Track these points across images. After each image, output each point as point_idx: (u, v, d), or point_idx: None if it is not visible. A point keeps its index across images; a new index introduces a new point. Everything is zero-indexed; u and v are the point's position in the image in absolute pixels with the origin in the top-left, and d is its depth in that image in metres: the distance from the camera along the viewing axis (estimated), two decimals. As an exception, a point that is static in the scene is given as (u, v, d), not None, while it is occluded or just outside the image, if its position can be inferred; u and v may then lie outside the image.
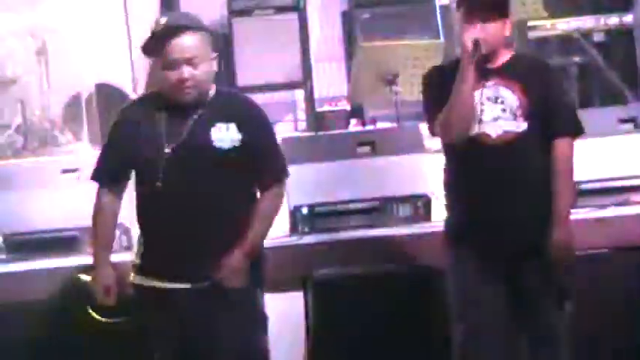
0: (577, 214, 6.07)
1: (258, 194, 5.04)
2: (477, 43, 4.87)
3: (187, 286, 4.91)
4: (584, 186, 6.39)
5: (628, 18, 8.53)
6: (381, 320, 6.30)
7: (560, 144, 5.08)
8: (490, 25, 5.04)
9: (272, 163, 5.07)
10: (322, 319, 6.37)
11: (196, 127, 4.90)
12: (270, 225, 5.02)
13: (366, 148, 6.85)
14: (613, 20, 8.55)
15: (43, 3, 9.18)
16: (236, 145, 4.85)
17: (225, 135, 4.94)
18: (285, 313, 5.96)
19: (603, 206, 6.57)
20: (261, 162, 5.01)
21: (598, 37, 8.55)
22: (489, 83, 5.04)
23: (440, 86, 5.09)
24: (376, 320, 6.30)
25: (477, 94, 5.00)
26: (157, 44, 4.83)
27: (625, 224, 6.46)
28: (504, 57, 5.14)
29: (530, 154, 5.10)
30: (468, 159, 5.10)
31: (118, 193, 4.92)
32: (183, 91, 4.84)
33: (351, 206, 6.74)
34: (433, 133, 5.19)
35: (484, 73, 5.02)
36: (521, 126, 5.01)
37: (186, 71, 4.79)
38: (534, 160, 5.12)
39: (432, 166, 6.43)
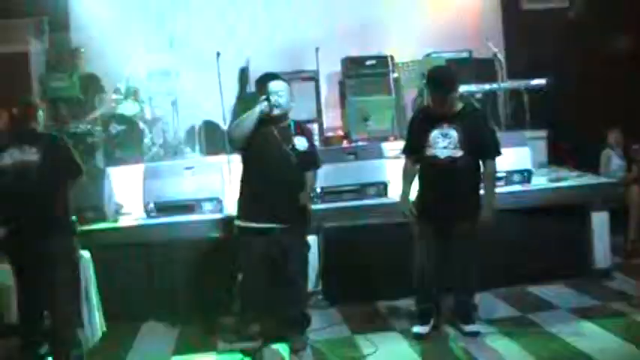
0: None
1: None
2: None
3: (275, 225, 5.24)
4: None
5: (494, 85, 8.54)
6: (360, 252, 6.47)
7: (489, 163, 5.35)
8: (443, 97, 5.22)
9: (315, 159, 5.50)
10: (327, 252, 6.47)
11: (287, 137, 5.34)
12: (311, 190, 5.62)
13: (352, 156, 6.87)
14: (486, 86, 8.56)
15: (174, 75, 9.18)
16: (304, 149, 5.34)
17: (302, 143, 5.37)
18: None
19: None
20: (312, 158, 5.45)
21: (478, 95, 8.55)
22: (444, 125, 5.24)
23: (414, 125, 5.56)
24: (358, 252, 6.49)
25: (435, 131, 5.23)
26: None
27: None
28: (455, 109, 5.28)
29: (462, 169, 5.28)
30: (428, 170, 5.39)
31: None
32: (272, 110, 5.26)
33: (343, 188, 6.75)
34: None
35: (441, 119, 5.25)
36: (459, 153, 5.22)
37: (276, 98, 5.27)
38: (464, 173, 5.32)
39: (389, 166, 6.63)
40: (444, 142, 5.23)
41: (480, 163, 5.36)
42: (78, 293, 5.48)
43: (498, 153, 5.38)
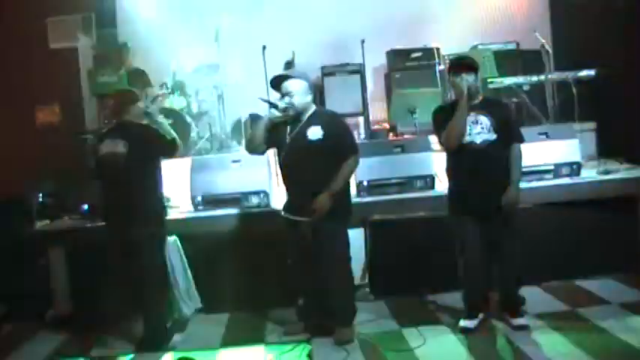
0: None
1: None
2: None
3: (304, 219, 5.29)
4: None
5: (541, 77, 8.45)
6: (408, 245, 6.46)
7: (515, 148, 5.33)
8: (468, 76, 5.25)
9: (346, 146, 5.26)
10: (373, 245, 6.51)
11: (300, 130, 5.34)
12: (344, 179, 5.31)
13: (398, 149, 6.88)
14: (534, 78, 8.46)
15: (220, 69, 9.26)
16: (320, 137, 5.21)
17: (315, 132, 5.25)
18: (354, 240, 5.85)
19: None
20: (339, 145, 5.28)
21: (526, 87, 8.48)
22: (472, 113, 5.27)
23: (442, 116, 5.38)
24: (405, 244, 6.48)
25: (468, 119, 5.24)
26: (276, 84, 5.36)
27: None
28: (479, 99, 5.35)
29: (498, 153, 5.31)
30: (463, 157, 5.34)
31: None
32: (285, 112, 5.35)
33: (390, 181, 6.78)
34: (440, 143, 5.44)
35: (469, 108, 5.25)
36: (493, 136, 5.26)
37: (287, 100, 5.32)
38: (500, 157, 5.33)
39: (435, 159, 6.60)
40: (477, 128, 5.27)
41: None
42: (164, 278, 5.81)
43: (522, 139, 5.41)
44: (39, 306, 6.51)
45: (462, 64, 5.38)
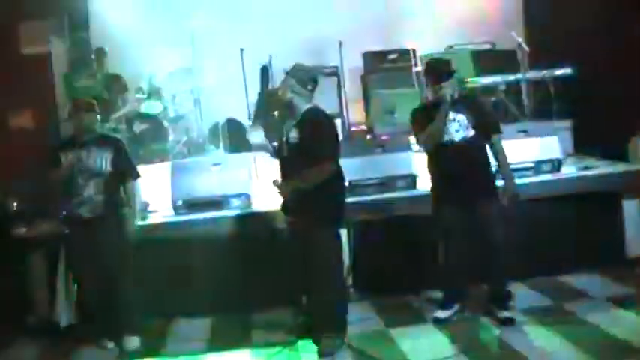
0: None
1: None
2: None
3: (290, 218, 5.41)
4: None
5: (518, 76, 8.48)
6: (391, 244, 6.48)
7: (496, 142, 5.45)
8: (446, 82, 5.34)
9: (317, 150, 5.09)
10: (358, 245, 6.50)
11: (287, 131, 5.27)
12: (309, 179, 5.08)
13: (379, 150, 6.86)
14: (510, 77, 8.49)
15: (197, 73, 9.22)
16: (297, 140, 5.06)
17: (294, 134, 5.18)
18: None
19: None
20: (312, 148, 5.09)
21: (502, 87, 8.51)
22: (450, 112, 5.38)
23: (420, 118, 5.51)
24: (389, 243, 6.49)
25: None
26: None
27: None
28: (453, 97, 5.40)
29: (476, 147, 5.41)
30: (442, 153, 5.43)
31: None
32: None
33: (370, 181, 6.75)
34: (417, 143, 5.64)
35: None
36: (470, 133, 5.36)
37: None
38: (478, 151, 5.44)
39: (415, 159, 6.58)
40: (455, 126, 5.38)
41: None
42: None
43: (500, 130, 5.50)
44: (18, 312, 6.41)
45: (442, 71, 5.43)
